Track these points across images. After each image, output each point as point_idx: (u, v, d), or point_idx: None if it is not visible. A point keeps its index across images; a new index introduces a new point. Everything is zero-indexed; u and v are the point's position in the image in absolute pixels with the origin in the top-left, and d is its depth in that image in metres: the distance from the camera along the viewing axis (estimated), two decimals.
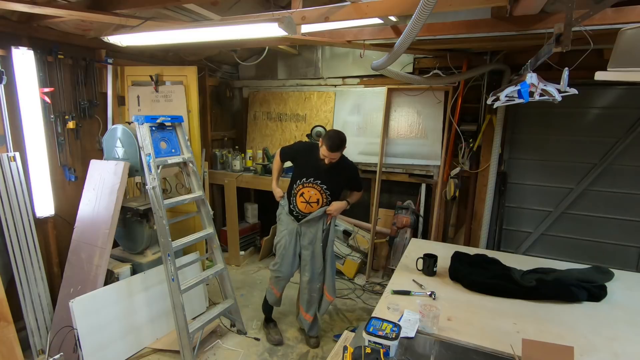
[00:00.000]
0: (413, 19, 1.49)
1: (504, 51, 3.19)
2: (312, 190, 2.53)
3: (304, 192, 2.55)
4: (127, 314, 2.59)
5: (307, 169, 2.54)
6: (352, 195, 2.73)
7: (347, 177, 2.64)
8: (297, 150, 2.69)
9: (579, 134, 3.21)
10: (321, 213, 2.55)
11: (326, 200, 2.57)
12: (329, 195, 2.56)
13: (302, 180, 2.54)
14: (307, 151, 2.62)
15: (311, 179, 2.53)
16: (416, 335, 1.49)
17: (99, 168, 2.68)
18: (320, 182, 2.52)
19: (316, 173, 2.52)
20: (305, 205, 2.56)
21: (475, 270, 2.00)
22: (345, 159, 2.63)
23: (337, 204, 2.56)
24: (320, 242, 2.60)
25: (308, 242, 2.62)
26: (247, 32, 2.24)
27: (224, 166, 4.22)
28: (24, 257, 2.55)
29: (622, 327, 1.59)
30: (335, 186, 2.57)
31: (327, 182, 2.53)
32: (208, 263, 3.70)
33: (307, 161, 2.56)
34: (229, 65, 4.59)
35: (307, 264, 2.64)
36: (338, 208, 2.57)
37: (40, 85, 2.66)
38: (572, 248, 3.34)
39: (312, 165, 2.52)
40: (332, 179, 2.54)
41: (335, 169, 2.52)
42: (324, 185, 2.53)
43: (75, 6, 2.08)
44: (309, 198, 2.55)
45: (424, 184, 3.82)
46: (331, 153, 2.39)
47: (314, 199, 2.54)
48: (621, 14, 1.77)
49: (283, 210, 2.70)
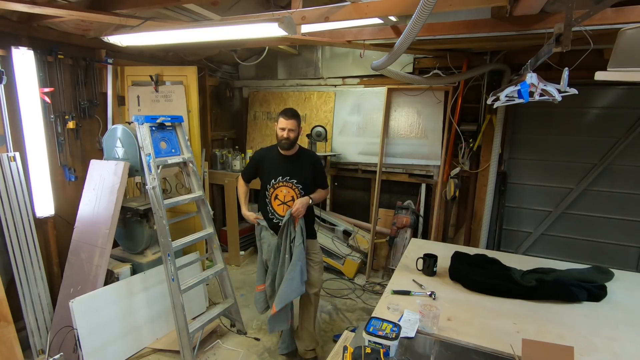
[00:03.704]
0: (413, 19, 1.49)
1: (504, 51, 3.19)
2: (285, 189, 2.48)
3: (277, 194, 2.49)
4: (127, 314, 2.59)
5: (273, 171, 2.48)
6: (316, 192, 2.54)
7: (313, 168, 2.51)
8: (257, 159, 2.59)
9: (578, 134, 3.21)
10: (288, 217, 2.39)
11: (300, 196, 2.46)
12: (302, 190, 2.47)
13: (272, 183, 2.48)
14: (266, 153, 2.56)
15: (279, 177, 2.47)
16: (416, 335, 1.49)
17: (99, 168, 2.68)
18: (289, 179, 2.46)
19: (283, 171, 2.46)
20: (283, 207, 2.48)
21: (475, 270, 2.00)
22: (311, 152, 2.63)
23: (299, 201, 2.40)
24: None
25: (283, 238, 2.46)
26: (247, 32, 2.25)
27: (224, 166, 4.23)
28: (24, 257, 2.55)
29: (622, 327, 1.59)
30: (304, 178, 2.48)
31: (296, 176, 2.46)
32: (208, 263, 3.70)
33: (270, 163, 2.51)
34: (229, 65, 4.59)
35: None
36: (302, 205, 2.39)
37: (40, 85, 2.66)
38: (572, 248, 3.34)
39: (277, 165, 2.48)
40: (299, 172, 2.46)
41: (300, 161, 2.48)
42: (293, 179, 2.46)
43: (75, 6, 2.08)
44: (283, 198, 2.48)
45: (424, 184, 3.82)
46: (287, 121, 2.36)
47: (289, 197, 2.47)
48: (621, 14, 1.77)
49: (262, 228, 2.60)
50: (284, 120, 2.38)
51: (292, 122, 2.38)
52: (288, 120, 2.37)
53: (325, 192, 2.64)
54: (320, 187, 2.60)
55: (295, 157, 2.48)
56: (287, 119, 2.37)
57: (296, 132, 2.41)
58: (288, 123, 2.37)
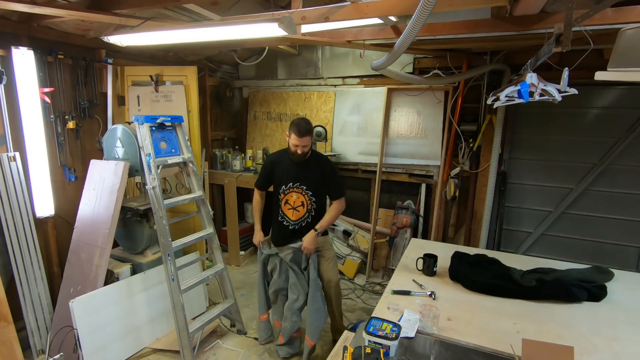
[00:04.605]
0: (413, 19, 1.49)
1: (504, 51, 3.19)
2: (295, 195, 2.49)
3: (288, 199, 2.50)
4: (127, 314, 2.59)
5: (284, 176, 2.48)
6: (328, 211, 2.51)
7: (323, 172, 2.48)
8: (269, 165, 2.57)
9: (579, 134, 3.20)
10: (298, 247, 2.45)
11: (309, 202, 2.48)
12: (312, 196, 2.48)
13: (283, 189, 2.49)
14: (279, 158, 2.53)
15: (290, 183, 2.47)
16: (416, 335, 1.49)
17: (99, 168, 2.68)
18: (299, 184, 2.46)
19: (294, 176, 2.46)
20: (293, 212, 2.51)
21: (475, 270, 2.00)
22: (321, 154, 2.58)
23: (307, 239, 2.42)
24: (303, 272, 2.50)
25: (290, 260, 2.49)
26: (247, 32, 2.25)
27: (224, 166, 4.23)
28: (24, 257, 2.55)
29: (622, 327, 1.59)
30: (314, 184, 2.47)
31: (305, 182, 2.46)
32: (208, 263, 3.70)
33: (282, 168, 2.49)
34: (229, 65, 4.59)
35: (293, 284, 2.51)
36: (310, 243, 2.42)
37: (40, 85, 2.66)
38: (572, 248, 3.34)
39: (287, 170, 2.46)
40: (309, 177, 2.46)
41: (310, 165, 2.45)
42: (303, 186, 2.46)
43: (75, 6, 2.08)
44: (293, 203, 2.50)
45: (424, 184, 3.82)
46: (301, 139, 2.28)
47: (298, 202, 2.49)
48: (621, 14, 1.77)
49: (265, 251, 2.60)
50: (296, 138, 2.28)
51: (306, 139, 2.31)
52: (302, 138, 2.29)
53: (339, 204, 2.51)
54: (332, 198, 2.51)
55: (305, 162, 2.45)
56: (300, 137, 2.28)
57: (309, 146, 2.36)
58: (302, 140, 2.29)
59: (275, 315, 2.67)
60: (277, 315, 2.64)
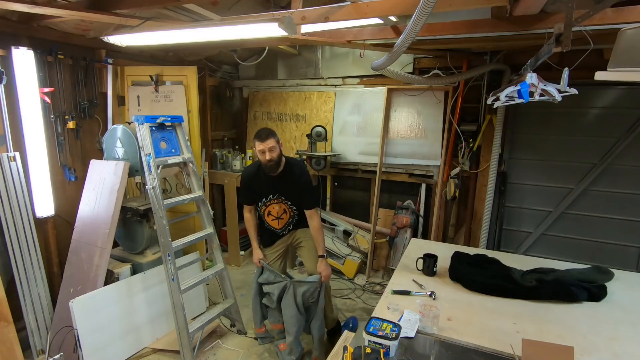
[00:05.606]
0: (413, 19, 1.49)
1: (504, 51, 3.19)
2: (277, 206, 2.50)
3: (270, 210, 2.51)
4: (127, 314, 2.59)
5: (263, 190, 2.47)
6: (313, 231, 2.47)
7: (300, 182, 2.44)
8: (246, 180, 2.53)
9: (579, 134, 3.21)
10: (316, 280, 2.42)
11: (290, 209, 2.50)
12: (292, 205, 2.49)
13: (264, 201, 2.49)
14: (255, 171, 2.49)
15: (270, 195, 2.47)
16: (416, 335, 1.49)
17: (99, 168, 2.68)
18: (277, 195, 2.46)
19: (272, 189, 2.45)
20: (277, 221, 2.54)
21: (475, 270, 2.00)
22: (297, 162, 2.52)
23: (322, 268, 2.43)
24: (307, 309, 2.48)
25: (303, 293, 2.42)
26: (247, 32, 2.24)
27: (224, 166, 4.23)
28: (24, 257, 2.55)
29: (622, 327, 1.59)
30: (293, 194, 2.47)
31: (284, 193, 2.46)
32: (208, 263, 3.70)
33: (260, 182, 2.46)
34: (229, 65, 4.59)
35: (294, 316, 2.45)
36: (325, 268, 2.44)
37: (40, 85, 2.66)
38: (572, 248, 3.34)
39: (266, 184, 2.45)
40: (286, 187, 2.45)
41: (286, 177, 2.42)
42: (281, 196, 2.46)
43: (75, 6, 2.08)
44: (276, 214, 2.52)
45: (424, 184, 3.82)
46: (264, 142, 2.26)
47: (280, 211, 2.51)
48: (621, 14, 1.77)
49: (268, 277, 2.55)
50: (259, 143, 2.27)
51: (269, 141, 2.27)
52: (264, 142, 2.26)
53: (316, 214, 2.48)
54: (306, 208, 2.47)
55: (282, 175, 2.41)
56: (262, 141, 2.26)
57: (277, 149, 2.31)
58: (265, 144, 2.26)
59: (272, 318, 2.65)
60: (274, 318, 2.62)
